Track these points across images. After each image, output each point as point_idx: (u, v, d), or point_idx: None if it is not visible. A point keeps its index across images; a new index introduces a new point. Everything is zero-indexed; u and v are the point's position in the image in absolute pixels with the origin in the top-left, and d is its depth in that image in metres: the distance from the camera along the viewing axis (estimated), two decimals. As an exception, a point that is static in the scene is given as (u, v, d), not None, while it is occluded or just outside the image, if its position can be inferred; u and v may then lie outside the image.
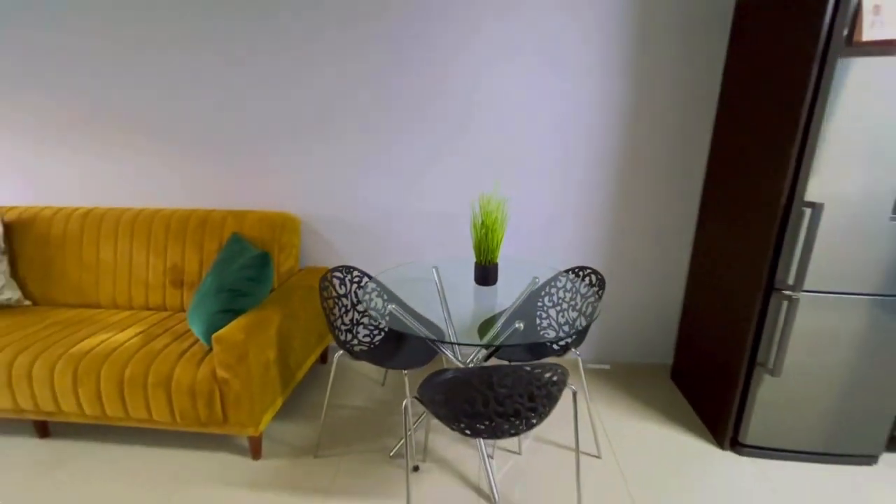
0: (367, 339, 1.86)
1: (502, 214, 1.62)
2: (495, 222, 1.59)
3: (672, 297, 2.30)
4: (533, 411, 1.22)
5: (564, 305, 1.75)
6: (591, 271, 1.83)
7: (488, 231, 1.61)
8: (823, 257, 1.50)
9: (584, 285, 1.79)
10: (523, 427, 1.25)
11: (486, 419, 1.20)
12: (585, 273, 1.85)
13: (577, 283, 1.81)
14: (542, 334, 1.71)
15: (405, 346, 1.82)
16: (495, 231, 1.61)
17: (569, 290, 1.79)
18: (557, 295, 1.81)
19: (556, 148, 2.12)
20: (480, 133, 2.12)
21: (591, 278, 1.82)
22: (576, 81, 2.02)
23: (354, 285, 1.90)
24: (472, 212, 2.24)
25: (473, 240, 1.66)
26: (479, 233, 1.63)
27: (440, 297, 1.71)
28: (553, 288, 1.83)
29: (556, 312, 1.75)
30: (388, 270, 1.89)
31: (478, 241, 1.65)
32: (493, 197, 1.66)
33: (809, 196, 1.46)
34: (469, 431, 1.23)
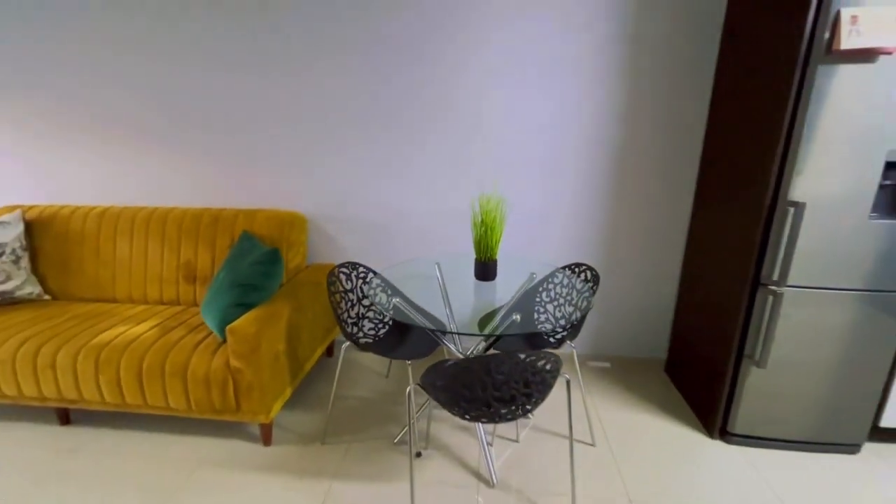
0: (372, 332, 1.94)
1: (501, 213, 1.70)
2: (494, 221, 1.68)
3: (666, 294, 2.38)
4: (528, 397, 1.30)
5: (561, 301, 1.83)
6: (586, 267, 1.90)
7: (488, 229, 1.69)
8: (807, 254, 1.58)
9: (579, 281, 1.87)
10: (519, 412, 1.33)
11: (484, 404, 1.29)
12: (581, 269, 1.92)
13: (573, 279, 1.89)
14: (538, 327, 1.79)
15: (408, 338, 1.91)
16: (494, 229, 1.69)
17: (565, 285, 1.87)
18: (555, 290, 1.89)
19: (553, 150, 2.20)
20: (481, 135, 2.20)
21: (587, 274, 1.90)
22: (573, 88, 2.10)
23: (360, 280, 1.98)
24: (472, 210, 2.32)
25: (473, 237, 1.75)
26: (479, 230, 1.71)
27: (442, 291, 1.79)
28: (550, 284, 1.90)
29: (553, 307, 1.83)
30: (391, 267, 1.98)
31: (478, 239, 1.73)
32: (492, 196, 1.74)
33: (793, 196, 1.54)
34: (468, 415, 1.32)
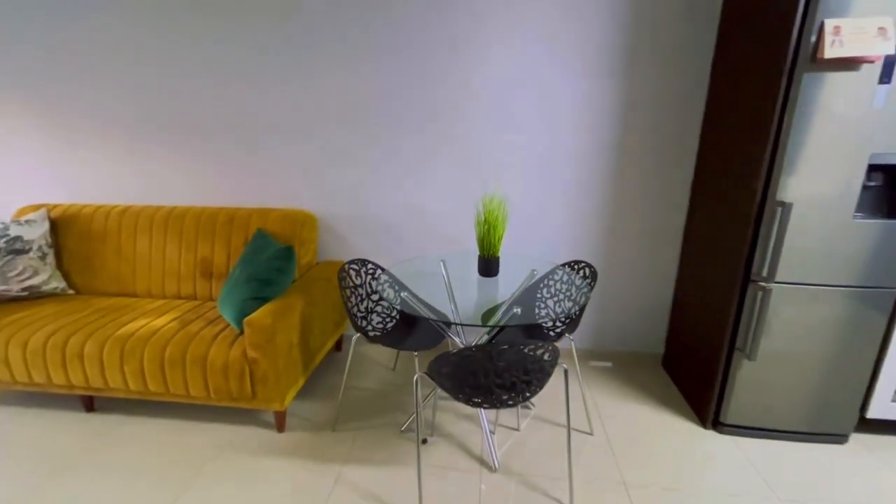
0: (381, 326, 2.04)
1: (503, 212, 1.79)
2: (497, 219, 1.77)
3: (663, 291, 2.46)
4: (527, 384, 1.39)
5: (561, 296, 1.92)
6: (585, 264, 1.99)
7: (490, 227, 1.78)
8: (794, 252, 1.66)
9: (578, 277, 1.96)
10: (519, 398, 1.42)
11: (487, 390, 1.38)
12: (580, 266, 2.01)
13: (572, 276, 1.98)
14: (539, 321, 1.88)
15: (415, 331, 2.00)
16: (497, 227, 1.78)
17: (565, 282, 1.95)
18: (555, 287, 1.97)
19: (554, 153, 2.28)
20: (484, 137, 2.29)
21: (585, 271, 1.98)
22: (573, 89, 2.19)
23: (369, 276, 2.08)
24: (475, 210, 2.41)
25: (477, 235, 1.84)
26: (482, 229, 1.81)
27: (447, 287, 1.88)
28: (551, 280, 1.99)
29: (554, 303, 1.92)
30: (398, 264, 2.07)
31: (481, 237, 1.82)
32: (494, 196, 1.84)
33: (780, 196, 1.62)
34: (472, 401, 1.41)
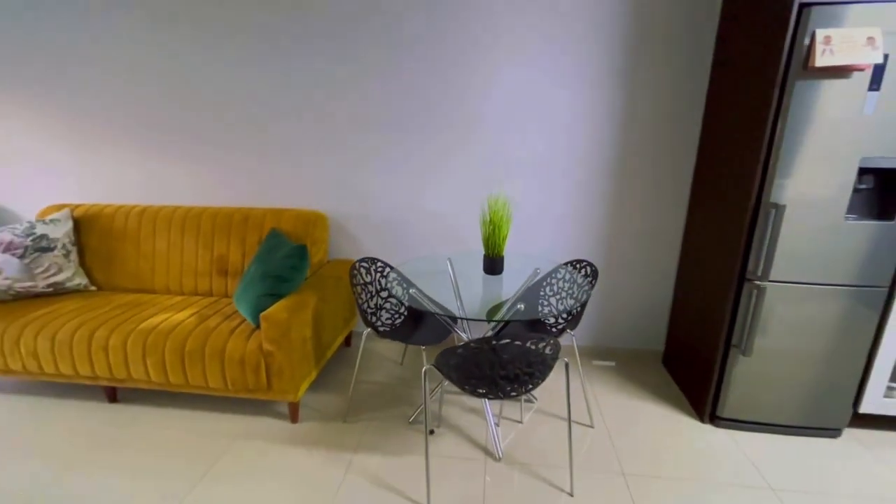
0: (389, 322, 2.12)
1: (507, 213, 1.87)
2: (501, 219, 1.85)
3: (663, 290, 2.52)
4: (530, 376, 1.47)
5: (563, 294, 1.99)
6: (586, 263, 2.06)
7: (495, 227, 1.86)
8: (788, 252, 1.72)
9: (580, 276, 2.03)
10: (522, 389, 1.50)
11: (492, 381, 1.46)
12: (582, 265, 2.09)
13: (574, 275, 2.05)
14: (542, 318, 1.95)
15: (422, 327, 2.08)
16: (501, 227, 1.86)
17: (567, 280, 2.03)
18: (557, 285, 2.05)
19: (558, 156, 2.36)
20: (490, 141, 2.37)
21: (587, 270, 2.06)
22: (575, 95, 2.26)
23: (378, 274, 2.16)
24: (481, 211, 2.49)
25: (482, 234, 1.92)
26: (487, 228, 1.88)
27: (453, 284, 1.96)
28: (553, 279, 2.07)
29: (556, 300, 1.99)
30: (406, 262, 2.15)
31: (486, 236, 1.90)
32: (499, 197, 1.91)
33: (774, 198, 1.69)
34: (477, 391, 1.49)
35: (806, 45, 1.52)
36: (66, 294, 2.36)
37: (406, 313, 2.18)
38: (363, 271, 2.08)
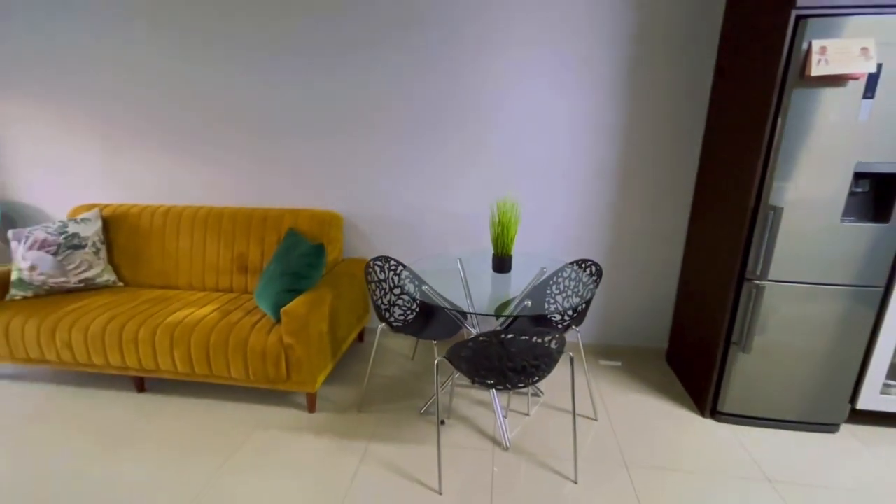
0: (402, 318, 2.22)
1: (515, 214, 1.96)
2: (509, 220, 1.94)
3: (667, 289, 2.59)
4: (536, 368, 1.56)
5: (569, 292, 2.07)
6: (591, 263, 2.14)
7: (504, 228, 1.95)
8: (786, 252, 1.79)
9: (585, 275, 2.11)
10: (529, 381, 1.58)
11: (500, 373, 1.55)
12: (587, 265, 2.17)
13: (580, 274, 2.13)
14: (548, 315, 2.04)
15: (433, 323, 2.18)
16: (510, 228, 1.95)
17: (573, 279, 2.11)
18: (563, 283, 2.13)
19: (564, 158, 2.44)
20: (499, 144, 2.46)
21: (592, 269, 2.14)
22: (582, 100, 2.34)
23: (391, 272, 2.26)
24: (490, 212, 2.58)
25: (492, 235, 2.01)
26: (496, 229, 1.97)
27: (463, 283, 2.05)
28: (559, 277, 2.15)
29: (562, 298, 2.08)
30: (418, 261, 2.25)
31: (495, 236, 1.99)
32: (508, 199, 2.00)
33: (773, 201, 1.76)
34: (486, 382, 1.58)
35: (803, 54, 1.59)
36: (96, 289, 2.49)
37: (417, 310, 2.28)
38: (377, 269, 2.18)
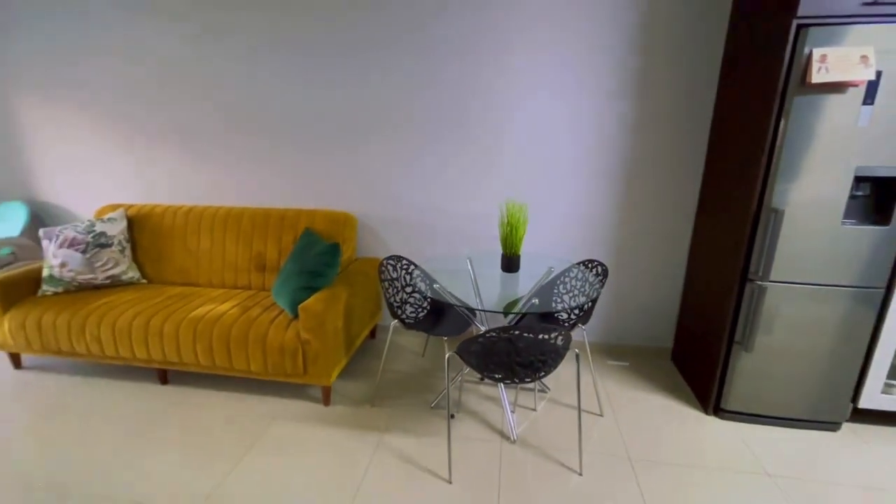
0: (413, 315, 2.30)
1: (524, 215, 2.03)
2: (518, 221, 2.01)
3: (673, 289, 2.64)
4: (543, 363, 1.63)
5: (576, 292, 2.14)
6: (597, 263, 2.21)
7: (512, 228, 2.02)
8: (788, 254, 1.84)
9: (591, 275, 2.18)
10: (536, 375, 1.65)
11: (508, 367, 1.62)
12: (593, 265, 2.23)
13: (586, 273, 2.19)
14: (555, 315, 2.10)
15: (443, 320, 2.25)
16: (518, 229, 2.02)
17: (579, 279, 2.17)
18: (570, 283, 2.19)
19: (572, 162, 2.50)
20: (509, 146, 2.53)
21: (598, 269, 2.20)
22: (592, 108, 2.41)
23: (403, 271, 2.34)
24: (499, 213, 2.65)
25: (500, 235, 2.08)
26: (505, 230, 2.05)
27: (473, 282, 2.13)
28: (566, 277, 2.21)
29: (569, 298, 2.14)
30: (429, 260, 2.33)
31: (504, 237, 2.06)
32: (516, 200, 2.07)
33: (775, 204, 1.81)
34: (494, 376, 1.65)
35: (803, 62, 1.64)
36: (122, 286, 2.60)
37: (428, 307, 2.36)
38: (390, 268, 2.26)
